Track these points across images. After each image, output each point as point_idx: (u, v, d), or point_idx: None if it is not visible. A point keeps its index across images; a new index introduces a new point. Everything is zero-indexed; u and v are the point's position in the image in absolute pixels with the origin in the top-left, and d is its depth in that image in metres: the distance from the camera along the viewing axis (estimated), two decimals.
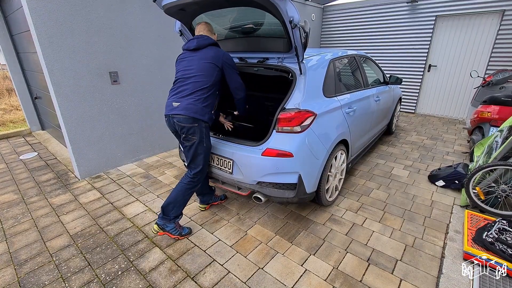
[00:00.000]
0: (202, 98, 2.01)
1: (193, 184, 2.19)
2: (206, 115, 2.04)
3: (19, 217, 2.56)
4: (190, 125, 2.00)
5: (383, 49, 6.49)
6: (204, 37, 2.08)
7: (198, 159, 2.12)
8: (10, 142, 4.76)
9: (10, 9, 4.11)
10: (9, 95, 8.61)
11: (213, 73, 2.02)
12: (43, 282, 1.83)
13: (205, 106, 2.03)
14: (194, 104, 1.99)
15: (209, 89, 2.04)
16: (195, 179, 2.19)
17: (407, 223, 2.42)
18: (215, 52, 2.04)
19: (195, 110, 1.98)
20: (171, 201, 2.16)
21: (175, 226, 2.22)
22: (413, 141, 4.58)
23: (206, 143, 2.12)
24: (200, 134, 2.04)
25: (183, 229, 2.29)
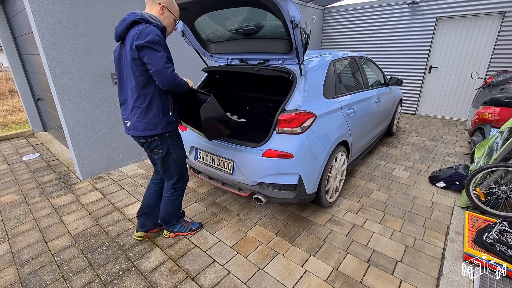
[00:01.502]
0: (143, 108, 1.69)
1: (177, 193, 2.09)
2: (158, 127, 1.74)
3: (21, 218, 2.58)
4: (149, 140, 1.80)
5: (383, 51, 6.50)
6: (125, 19, 1.61)
7: (170, 170, 1.97)
8: (12, 143, 4.79)
9: (13, 11, 4.15)
10: (12, 97, 8.67)
11: (137, 67, 1.60)
12: (44, 282, 1.84)
13: (152, 118, 1.72)
14: (140, 120, 1.72)
15: (145, 93, 1.67)
16: (176, 188, 2.07)
17: (407, 224, 2.42)
18: (131, 36, 1.56)
19: (143, 127, 1.73)
20: (164, 214, 2.14)
21: (182, 225, 2.25)
22: (413, 142, 4.57)
23: (177, 152, 1.92)
24: (165, 145, 1.84)
25: (192, 224, 2.31)
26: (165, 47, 1.61)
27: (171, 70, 1.60)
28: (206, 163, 2.51)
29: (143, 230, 2.18)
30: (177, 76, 1.65)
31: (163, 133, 1.79)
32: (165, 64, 1.56)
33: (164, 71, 1.57)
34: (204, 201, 2.83)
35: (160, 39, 1.57)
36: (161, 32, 1.65)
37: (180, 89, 1.72)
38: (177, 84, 1.66)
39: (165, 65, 1.56)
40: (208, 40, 2.64)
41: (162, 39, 1.60)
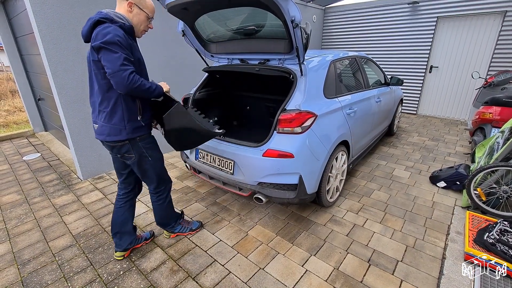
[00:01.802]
0: (107, 113, 1.61)
1: (162, 197, 2.01)
2: (123, 132, 1.63)
3: (22, 217, 2.59)
4: (118, 144, 1.69)
5: (384, 51, 6.50)
6: (89, 19, 1.53)
7: (148, 174, 1.86)
8: (13, 143, 4.81)
9: (14, 11, 4.16)
10: (13, 97, 8.69)
11: (99, 70, 1.54)
12: (45, 282, 1.85)
13: (116, 122, 1.62)
14: (105, 125, 1.64)
15: (109, 96, 1.59)
16: (159, 192, 1.99)
17: (408, 224, 2.41)
18: (92, 37, 1.49)
19: (108, 132, 1.64)
20: (158, 219, 2.13)
21: (182, 225, 2.25)
22: (414, 142, 4.57)
23: (152, 155, 1.81)
24: (137, 149, 1.73)
25: (192, 224, 2.30)
26: (125, 48, 1.47)
27: (129, 73, 1.44)
28: (206, 163, 2.52)
29: (120, 250, 2.02)
30: (138, 80, 1.48)
31: (131, 138, 1.67)
32: (120, 66, 1.43)
33: (118, 73, 1.43)
34: (205, 201, 2.83)
35: (119, 39, 1.45)
36: (126, 32, 1.55)
37: (143, 93, 1.56)
38: (136, 88, 1.49)
39: (120, 67, 1.43)
40: (208, 40, 2.64)
41: (123, 39, 1.47)
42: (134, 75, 1.48)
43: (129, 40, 1.54)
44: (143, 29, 1.70)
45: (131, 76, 1.46)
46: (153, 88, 1.61)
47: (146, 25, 1.70)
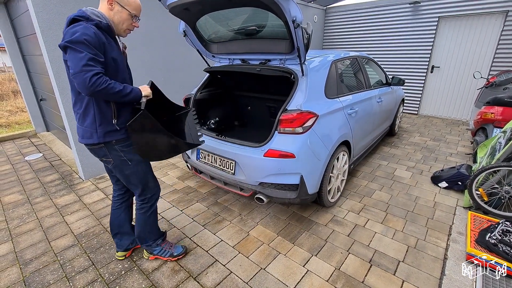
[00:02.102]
0: (80, 114, 1.56)
1: (146, 206, 1.86)
2: (94, 136, 1.55)
3: (25, 217, 2.60)
4: (94, 147, 1.62)
5: (385, 51, 6.49)
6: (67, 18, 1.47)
7: (131, 180, 1.75)
8: (15, 143, 4.83)
9: (16, 12, 4.18)
10: (15, 97, 8.73)
11: (68, 70, 1.46)
12: (48, 281, 1.86)
13: (88, 125, 1.54)
14: (79, 126, 1.59)
15: (81, 98, 1.52)
16: (144, 200, 1.84)
17: (409, 225, 2.41)
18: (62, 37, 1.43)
19: (81, 134, 1.59)
20: (139, 231, 1.93)
21: (162, 248, 2.00)
22: (416, 142, 4.56)
23: (133, 159, 1.68)
24: (114, 153, 1.64)
25: (175, 248, 2.03)
26: (94, 47, 1.37)
27: (92, 75, 1.32)
28: (208, 163, 2.52)
29: (121, 250, 2.03)
30: (103, 82, 1.36)
31: (105, 142, 1.58)
32: (83, 67, 1.32)
33: (80, 74, 1.31)
34: (206, 201, 2.83)
35: (87, 38, 1.34)
36: (104, 30, 1.46)
37: (111, 97, 1.44)
38: (101, 91, 1.36)
39: (83, 68, 1.32)
40: (209, 40, 2.65)
41: (93, 38, 1.36)
42: (99, 77, 1.35)
43: (103, 39, 1.44)
44: (126, 27, 1.58)
45: (94, 78, 1.33)
46: (126, 92, 1.47)
47: (129, 24, 1.57)
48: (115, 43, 1.56)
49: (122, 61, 1.58)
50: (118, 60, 1.54)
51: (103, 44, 1.43)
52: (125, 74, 1.63)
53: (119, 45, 1.60)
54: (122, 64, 1.59)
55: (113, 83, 1.42)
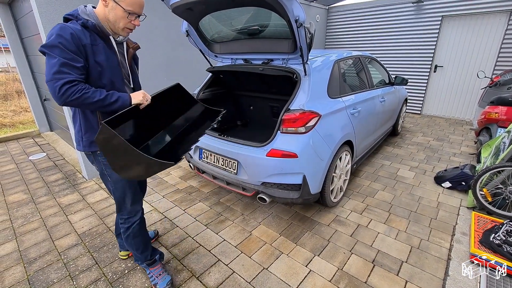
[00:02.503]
0: (72, 121, 1.52)
1: (124, 228, 1.68)
2: (80, 144, 1.49)
3: (29, 217, 2.62)
4: (86, 153, 1.55)
5: (388, 50, 6.46)
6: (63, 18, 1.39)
7: (112, 194, 1.62)
8: (19, 143, 4.86)
9: (20, 13, 4.20)
10: (19, 97, 8.80)
11: None
12: (51, 280, 1.87)
13: (76, 132, 1.49)
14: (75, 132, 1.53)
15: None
16: (122, 219, 1.68)
17: (412, 225, 2.40)
18: None
19: (75, 139, 1.54)
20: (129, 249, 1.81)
21: (150, 272, 1.82)
22: (419, 142, 4.54)
23: (111, 175, 1.54)
24: (98, 164, 1.55)
25: (162, 280, 1.77)
26: (69, 51, 1.23)
27: (62, 83, 1.20)
28: (210, 163, 2.52)
29: (124, 249, 2.03)
30: (77, 92, 1.22)
31: (93, 150, 1.50)
32: (53, 75, 1.20)
33: (50, 83, 1.21)
34: (208, 201, 2.84)
35: (62, 41, 1.22)
36: (88, 31, 1.33)
37: (89, 107, 1.31)
38: (74, 101, 1.24)
39: (53, 76, 1.20)
40: (212, 40, 2.65)
41: (69, 41, 1.23)
42: (71, 85, 1.21)
43: (85, 41, 1.30)
44: (124, 26, 1.39)
45: (65, 87, 1.20)
46: (109, 100, 1.32)
47: (126, 22, 1.39)
48: (106, 44, 1.39)
49: (113, 64, 1.42)
50: (105, 63, 1.37)
51: (84, 47, 1.29)
52: (116, 77, 1.44)
53: (112, 46, 1.43)
54: (113, 67, 1.42)
55: (91, 92, 1.27)
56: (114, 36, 1.45)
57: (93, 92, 1.29)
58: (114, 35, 1.45)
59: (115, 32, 1.44)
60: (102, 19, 1.38)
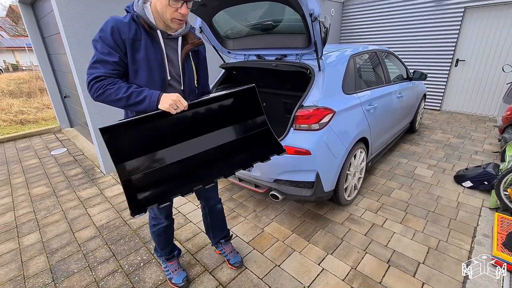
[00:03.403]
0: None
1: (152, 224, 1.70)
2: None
3: (51, 209, 2.74)
4: None
5: (406, 44, 6.22)
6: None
7: None
8: (42, 138, 5.09)
9: (42, 13, 4.36)
10: (41, 94, 9.18)
11: None
12: (72, 270, 1.95)
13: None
14: None
15: None
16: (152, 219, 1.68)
17: (430, 225, 2.32)
18: None
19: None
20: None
21: (166, 267, 1.85)
22: (438, 139, 4.37)
23: None
24: None
25: (177, 276, 1.80)
26: (106, 45, 1.20)
27: (90, 79, 1.21)
28: None
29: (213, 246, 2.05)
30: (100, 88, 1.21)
31: None
32: (88, 70, 1.23)
33: (86, 77, 1.23)
34: (221, 197, 2.85)
35: (102, 35, 1.21)
36: (136, 24, 1.26)
37: (114, 105, 1.27)
38: (99, 98, 1.23)
39: (87, 71, 1.23)
40: (225, 36, 2.65)
41: (107, 36, 1.20)
42: (97, 81, 1.20)
43: (127, 35, 1.23)
44: (170, 16, 1.23)
45: (92, 82, 1.21)
46: (134, 100, 1.23)
47: (172, 11, 1.21)
48: (151, 39, 1.29)
49: (154, 62, 1.31)
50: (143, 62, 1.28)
51: (124, 41, 1.23)
52: (157, 77, 1.33)
53: (158, 42, 1.30)
54: (154, 65, 1.31)
55: (115, 88, 1.21)
56: (168, 31, 1.32)
57: (117, 89, 1.21)
58: (168, 29, 1.32)
59: (167, 25, 1.29)
60: (154, 12, 1.27)
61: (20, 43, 28.07)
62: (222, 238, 1.95)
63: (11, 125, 6.03)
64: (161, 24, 1.30)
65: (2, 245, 2.24)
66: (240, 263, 1.91)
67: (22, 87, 10.49)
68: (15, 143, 4.88)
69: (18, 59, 28.99)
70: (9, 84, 11.46)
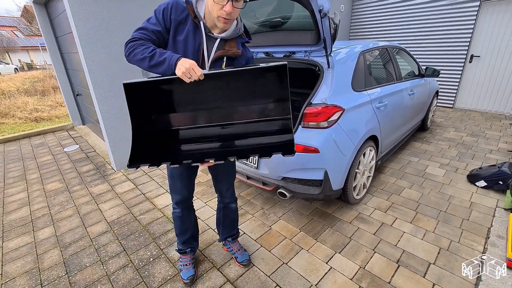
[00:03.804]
0: None
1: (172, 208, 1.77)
2: None
3: (64, 204, 2.82)
4: None
5: (419, 39, 6.07)
6: None
7: None
8: (55, 135, 5.22)
9: (55, 13, 4.46)
10: (55, 93, 9.41)
11: None
12: (84, 264, 2.01)
13: None
14: None
15: None
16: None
17: (442, 225, 2.27)
18: None
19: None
20: None
21: (180, 259, 1.90)
22: (450, 137, 4.26)
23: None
24: None
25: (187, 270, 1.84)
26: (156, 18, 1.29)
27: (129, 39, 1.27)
28: None
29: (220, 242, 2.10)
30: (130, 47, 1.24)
31: None
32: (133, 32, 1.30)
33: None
34: None
35: (158, 8, 1.29)
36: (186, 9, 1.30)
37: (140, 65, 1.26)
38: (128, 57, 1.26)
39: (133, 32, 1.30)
40: None
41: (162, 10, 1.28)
42: (130, 41, 1.25)
43: (179, 16, 1.30)
44: (216, 14, 1.23)
45: (127, 42, 1.26)
46: (156, 60, 1.21)
47: (218, 8, 1.20)
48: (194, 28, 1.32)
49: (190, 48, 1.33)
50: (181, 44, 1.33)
51: (171, 20, 1.30)
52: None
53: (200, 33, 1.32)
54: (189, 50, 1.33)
55: (142, 48, 1.21)
56: (213, 30, 1.34)
57: (144, 48, 1.21)
58: (214, 28, 1.34)
59: (215, 24, 1.31)
60: (206, 8, 1.29)
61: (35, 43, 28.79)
62: (230, 237, 1.96)
63: (26, 123, 6.22)
64: (209, 22, 1.32)
65: (19, 239, 2.32)
66: (247, 261, 1.93)
67: (36, 86, 10.78)
68: (30, 140, 5.03)
69: (33, 58, 29.75)
70: (24, 83, 11.80)
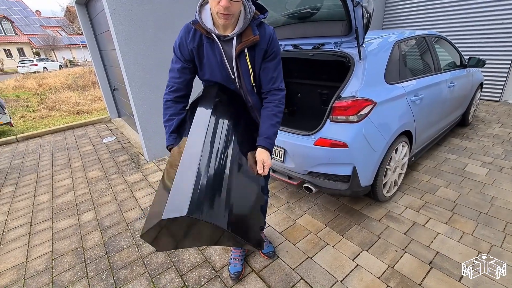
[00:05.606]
0: None
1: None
2: None
3: (104, 191, 3.05)
4: None
5: (462, 27, 5.57)
6: None
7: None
8: (95, 127, 5.64)
9: (94, 12, 4.76)
10: (94, 88, 10.11)
11: None
12: (121, 246, 2.17)
13: None
14: None
15: None
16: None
17: (482, 228, 2.11)
18: None
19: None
20: None
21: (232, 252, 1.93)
22: (495, 134, 3.90)
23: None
24: None
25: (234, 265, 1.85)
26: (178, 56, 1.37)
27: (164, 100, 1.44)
28: None
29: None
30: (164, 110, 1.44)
31: None
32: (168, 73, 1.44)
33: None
34: None
35: (175, 45, 1.37)
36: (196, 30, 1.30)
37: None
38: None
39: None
40: None
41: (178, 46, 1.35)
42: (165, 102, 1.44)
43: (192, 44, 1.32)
44: (215, 11, 1.18)
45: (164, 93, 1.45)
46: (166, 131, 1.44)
47: (215, 5, 1.15)
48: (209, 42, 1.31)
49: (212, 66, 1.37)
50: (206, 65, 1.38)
51: (191, 51, 1.33)
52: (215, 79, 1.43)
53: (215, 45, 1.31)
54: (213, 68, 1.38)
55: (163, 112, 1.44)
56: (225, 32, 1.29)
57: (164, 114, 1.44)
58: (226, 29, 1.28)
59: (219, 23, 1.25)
60: (213, 14, 1.24)
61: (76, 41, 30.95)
62: None
63: (70, 115, 6.78)
64: (218, 26, 1.29)
65: (66, 220, 2.57)
66: (272, 253, 1.96)
67: (78, 81, 11.66)
68: (73, 131, 5.49)
69: (74, 55, 32.03)
70: (67, 79, 12.82)
